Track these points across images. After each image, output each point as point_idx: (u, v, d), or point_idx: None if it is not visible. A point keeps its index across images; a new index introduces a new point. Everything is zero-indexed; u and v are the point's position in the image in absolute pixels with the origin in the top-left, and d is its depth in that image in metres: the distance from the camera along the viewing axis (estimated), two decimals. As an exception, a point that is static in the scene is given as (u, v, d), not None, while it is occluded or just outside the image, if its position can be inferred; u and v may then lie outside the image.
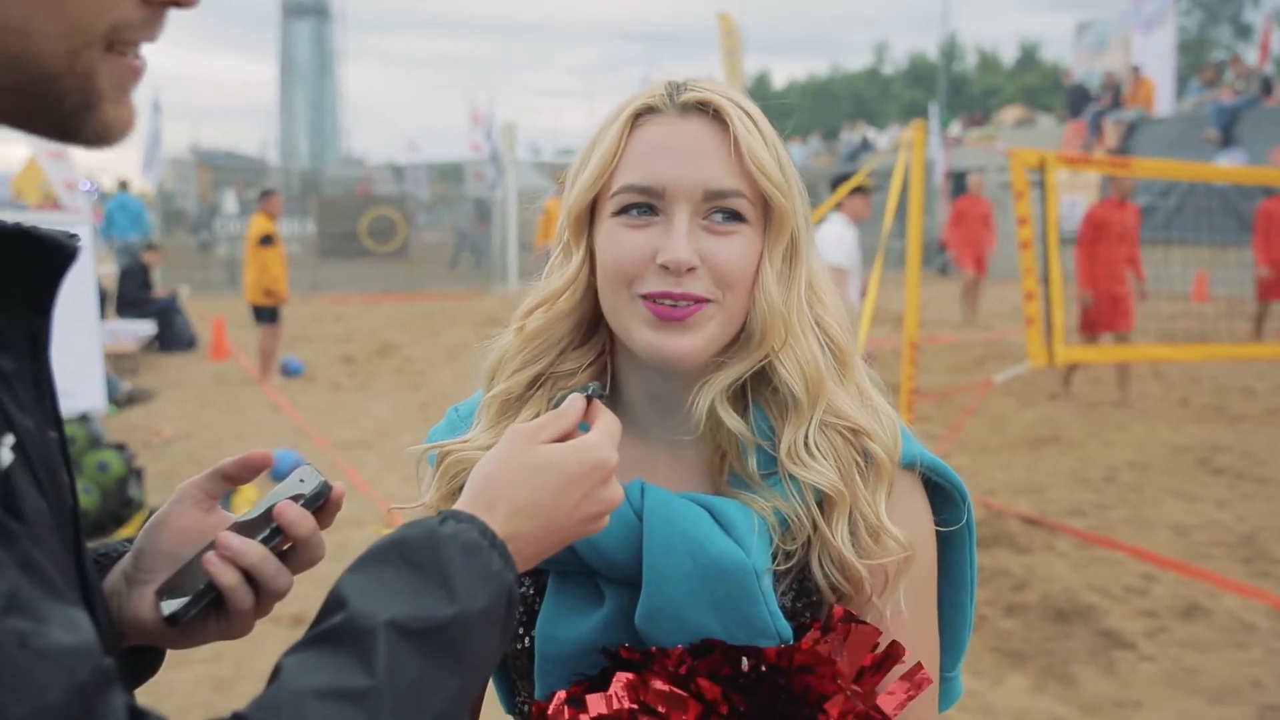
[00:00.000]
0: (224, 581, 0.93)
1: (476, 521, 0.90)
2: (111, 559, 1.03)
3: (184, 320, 14.54)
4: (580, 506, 0.97)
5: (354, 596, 0.81)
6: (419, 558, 0.85)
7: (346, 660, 0.77)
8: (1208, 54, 48.22)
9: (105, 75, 0.74)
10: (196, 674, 4.38)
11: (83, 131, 0.75)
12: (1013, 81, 61.97)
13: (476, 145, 28.28)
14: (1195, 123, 20.05)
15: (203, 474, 1.03)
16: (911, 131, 5.78)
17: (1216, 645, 4.62)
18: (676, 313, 1.09)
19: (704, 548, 1.09)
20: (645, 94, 1.15)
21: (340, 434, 9.01)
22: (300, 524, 0.95)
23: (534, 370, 1.20)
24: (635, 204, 1.11)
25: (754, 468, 1.15)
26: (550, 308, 1.19)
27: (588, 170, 1.14)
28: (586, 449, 0.99)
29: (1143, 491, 6.98)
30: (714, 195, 1.10)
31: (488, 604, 0.85)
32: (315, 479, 0.99)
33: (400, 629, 0.79)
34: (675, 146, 1.11)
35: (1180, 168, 9.24)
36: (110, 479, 6.40)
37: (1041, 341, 5.61)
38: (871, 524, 1.13)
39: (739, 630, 1.09)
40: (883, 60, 77.93)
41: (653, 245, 1.10)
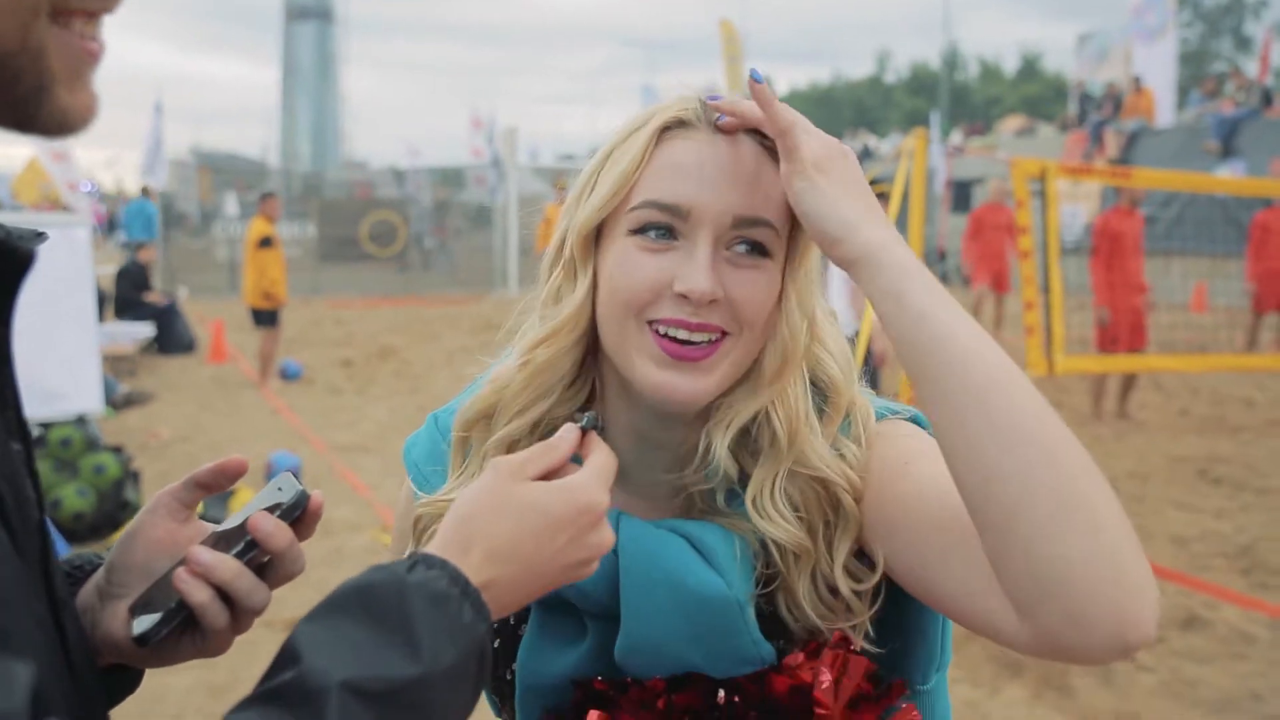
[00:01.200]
0: (195, 599, 0.87)
1: (448, 567, 0.82)
2: (86, 572, 0.98)
3: (183, 323, 14.52)
4: (565, 552, 0.90)
5: (307, 650, 0.75)
6: (382, 609, 0.78)
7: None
8: (1209, 65, 48.32)
9: (56, 54, 0.70)
10: (191, 679, 4.36)
11: (39, 118, 0.71)
12: (1014, 91, 62.08)
13: (478, 150, 28.31)
14: (1196, 134, 20.09)
15: (177, 483, 0.97)
16: (912, 140, 5.78)
17: (1215, 656, 4.60)
18: (693, 352, 1.01)
19: (685, 582, 1.02)
20: (676, 105, 1.05)
21: (338, 437, 9.00)
22: (276, 536, 0.89)
23: (540, 409, 1.10)
24: (655, 223, 1.02)
25: (727, 508, 1.09)
26: (558, 340, 1.08)
27: (605, 183, 1.05)
28: (574, 490, 0.91)
29: (1142, 502, 6.96)
30: (742, 223, 1.02)
31: (455, 661, 0.78)
32: (293, 489, 0.92)
33: (355, 690, 0.73)
34: (706, 166, 1.02)
35: (1181, 178, 9.23)
36: (107, 481, 6.39)
37: (1041, 351, 5.61)
38: (830, 583, 1.07)
39: (722, 660, 1.04)
40: (885, 68, 78.06)
41: (670, 272, 1.01)
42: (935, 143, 20.98)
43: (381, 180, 37.48)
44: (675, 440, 1.10)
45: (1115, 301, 9.07)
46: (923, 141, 5.77)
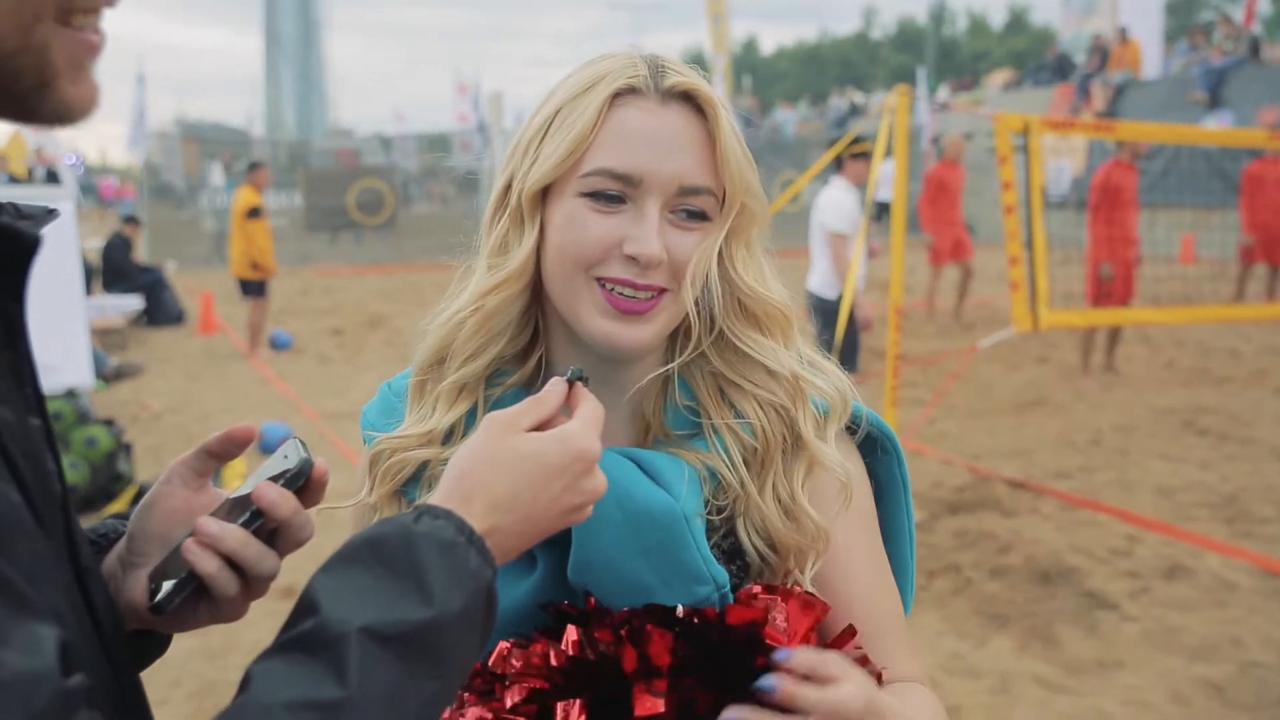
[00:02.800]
0: (203, 569, 0.89)
1: (453, 517, 0.86)
2: (110, 540, 1.00)
3: (171, 295, 14.50)
4: (561, 499, 0.95)
5: (325, 600, 0.78)
6: (393, 557, 0.82)
7: (318, 670, 0.75)
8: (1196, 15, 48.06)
9: (59, 50, 0.72)
10: (188, 646, 4.41)
11: (40, 110, 0.73)
12: (1002, 45, 61.73)
13: (463, 115, 28.14)
14: (1183, 84, 20.03)
15: (189, 452, 0.99)
16: (895, 97, 5.77)
17: (1198, 604, 4.68)
18: (638, 305, 1.09)
19: (631, 494, 1.08)
20: (624, 71, 1.10)
21: (329, 406, 9.02)
22: (280, 505, 0.91)
23: (494, 351, 1.17)
24: (606, 189, 1.08)
25: (677, 431, 1.17)
26: (507, 288, 1.15)
27: (557, 144, 1.10)
28: (568, 439, 0.95)
29: (1128, 454, 7.03)
30: (687, 191, 1.09)
31: (464, 605, 0.82)
32: (298, 456, 0.94)
33: (373, 635, 0.76)
34: (655, 135, 1.08)
35: (1166, 130, 9.23)
36: (99, 454, 6.41)
37: (1026, 307, 5.64)
38: (785, 499, 1.15)
39: (673, 577, 1.08)
40: (871, 25, 77.51)
41: (620, 233, 1.08)
42: (921, 99, 20.92)
43: (367, 148, 37.20)
44: (621, 377, 1.17)
45: (1115, 256, 8.99)
46: (905, 98, 5.77)
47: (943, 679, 4.06)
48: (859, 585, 1.19)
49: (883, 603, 1.21)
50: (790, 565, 1.16)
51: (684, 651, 1.06)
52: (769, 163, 24.48)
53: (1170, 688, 3.98)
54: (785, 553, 1.15)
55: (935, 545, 5.36)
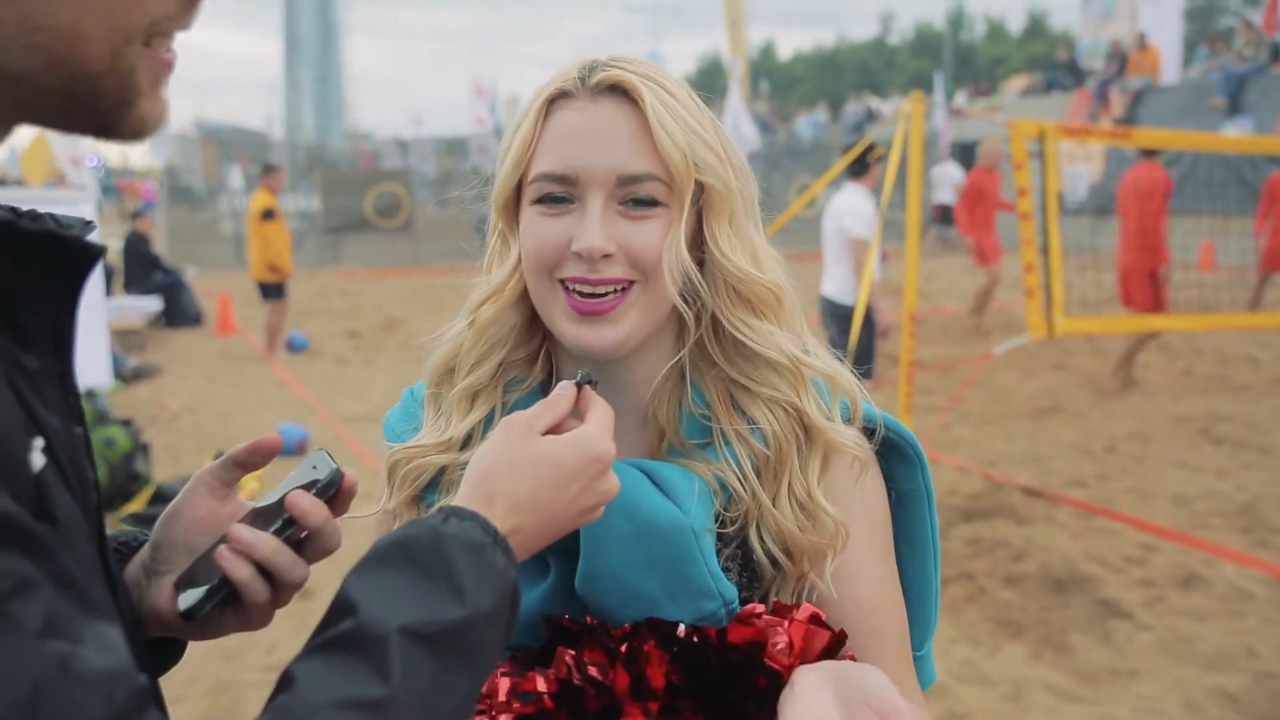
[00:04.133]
0: (237, 576, 0.92)
1: (479, 519, 0.89)
2: (132, 549, 1.02)
3: (190, 296, 14.61)
4: (578, 500, 0.97)
5: (363, 601, 0.80)
6: (425, 559, 0.84)
7: (361, 669, 0.77)
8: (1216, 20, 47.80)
9: (144, 71, 0.74)
10: (203, 645, 4.39)
11: (120, 128, 0.75)
12: (1020, 51, 61.51)
13: (480, 119, 28.20)
14: (1202, 90, 19.92)
15: (215, 462, 1.02)
16: (910, 103, 5.77)
17: (1213, 614, 4.66)
18: (598, 305, 1.10)
19: (640, 507, 1.09)
20: (559, 77, 1.13)
21: (346, 408, 9.06)
22: (313, 514, 0.94)
23: (497, 358, 1.20)
24: (550, 193, 1.11)
25: (691, 440, 1.16)
26: (499, 298, 1.18)
27: (508, 157, 1.14)
28: (583, 442, 0.98)
29: (1144, 462, 7.00)
30: (627, 180, 1.09)
31: (494, 603, 0.85)
32: (328, 466, 0.97)
33: (412, 634, 0.79)
34: (586, 131, 1.10)
35: (1183, 137, 9.16)
36: (117, 455, 6.46)
37: (1041, 313, 5.62)
38: (802, 498, 1.14)
39: (680, 592, 1.09)
40: (889, 30, 77.37)
41: (568, 233, 1.10)
42: (938, 105, 20.87)
43: (385, 151, 37.34)
44: (625, 379, 1.18)
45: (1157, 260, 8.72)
46: (920, 105, 5.76)
47: (955, 686, 4.05)
48: (866, 602, 1.16)
49: (888, 621, 1.18)
50: (806, 568, 1.15)
51: (681, 673, 1.06)
52: (786, 168, 24.47)
53: (1184, 697, 3.96)
54: (800, 556, 1.14)
55: (949, 552, 5.35)
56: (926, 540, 1.24)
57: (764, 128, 29.68)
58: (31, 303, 0.76)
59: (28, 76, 0.69)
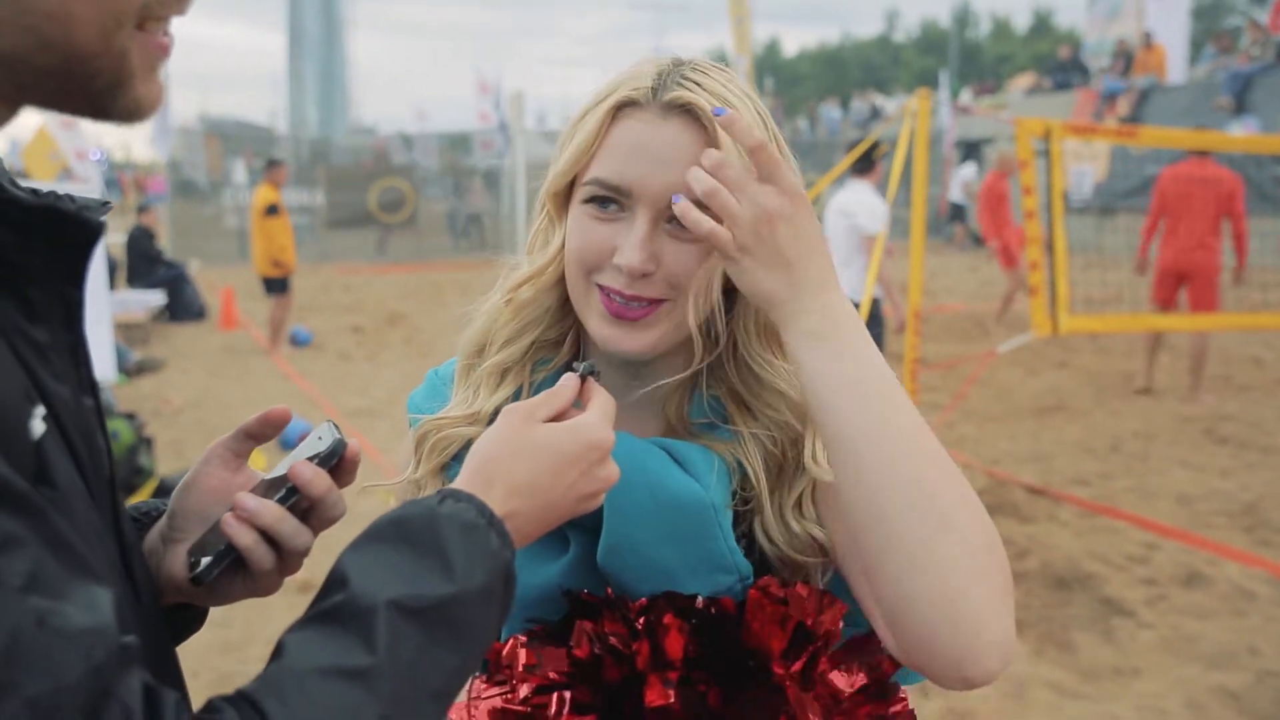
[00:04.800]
0: (241, 542, 0.95)
1: (475, 500, 0.91)
2: (152, 518, 1.06)
3: (193, 290, 14.61)
4: (576, 486, 0.99)
5: (355, 575, 0.83)
6: (418, 536, 0.86)
7: (348, 639, 0.79)
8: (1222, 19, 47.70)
9: (137, 54, 0.76)
10: (206, 638, 4.43)
11: (114, 108, 0.77)
12: (1026, 49, 61.41)
13: (484, 115, 28.16)
14: (1208, 90, 19.86)
15: (229, 434, 1.05)
16: (916, 101, 5.76)
17: (1216, 613, 4.66)
18: (630, 312, 1.12)
19: (663, 483, 1.11)
20: (631, 82, 1.13)
21: (349, 403, 9.07)
22: (315, 482, 0.97)
23: (529, 338, 1.23)
24: (602, 198, 1.12)
25: (700, 431, 1.19)
26: (538, 281, 1.21)
27: (566, 154, 1.15)
28: (583, 429, 1.00)
29: (1147, 461, 7.00)
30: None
31: (485, 582, 0.86)
32: (331, 437, 1.00)
33: (400, 608, 0.81)
34: (650, 148, 1.10)
35: (1188, 136, 9.14)
36: (120, 448, 6.46)
37: (1046, 311, 5.61)
38: (788, 517, 1.16)
39: (699, 565, 1.11)
40: (894, 27, 77.28)
41: (614, 241, 1.11)
42: (944, 103, 20.84)
43: (389, 146, 37.30)
44: (643, 375, 1.20)
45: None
46: (926, 102, 5.75)
47: (957, 684, 4.05)
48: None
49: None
50: (800, 571, 1.17)
51: (698, 644, 1.07)
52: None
53: (1186, 696, 3.96)
54: (794, 566, 1.16)
55: (951, 550, 5.34)
56: None
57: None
58: (38, 278, 0.78)
59: (24, 58, 0.72)
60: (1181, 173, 8.60)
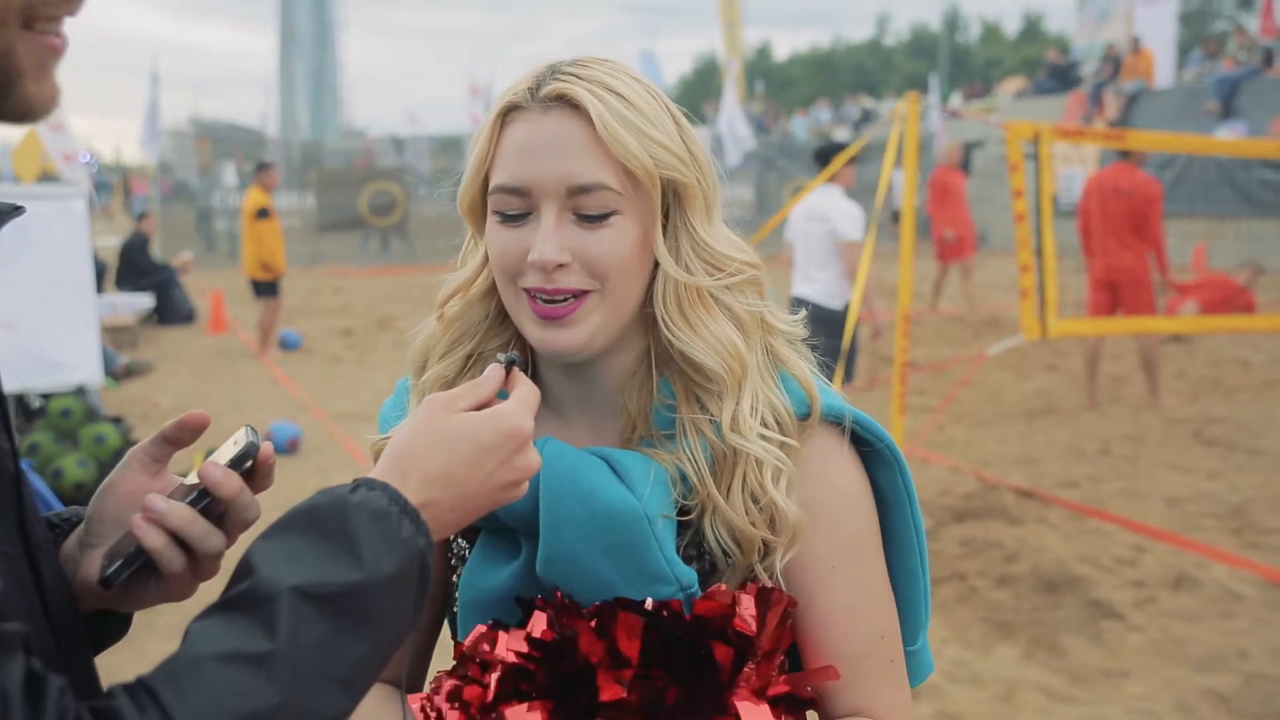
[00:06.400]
0: (150, 544, 0.93)
1: (388, 489, 0.91)
2: (71, 524, 1.04)
3: (182, 293, 14.57)
4: (495, 475, 0.98)
5: (261, 562, 0.83)
6: (327, 524, 0.86)
7: (248, 625, 0.79)
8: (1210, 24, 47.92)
9: (24, 53, 0.75)
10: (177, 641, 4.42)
11: (3, 109, 0.76)
12: (1015, 53, 61.57)
13: (476, 117, 28.15)
14: (1196, 94, 19.96)
15: (148, 439, 1.04)
16: (906, 105, 5.78)
17: (1204, 615, 4.67)
18: (556, 310, 1.12)
19: (595, 494, 1.11)
20: (512, 89, 1.15)
21: (338, 406, 9.04)
22: (224, 485, 0.95)
23: (463, 351, 1.24)
24: (507, 205, 1.13)
25: (660, 430, 1.17)
26: (465, 295, 1.22)
27: (468, 167, 1.17)
28: (500, 417, 0.99)
29: (1136, 463, 7.01)
30: (577, 191, 1.10)
31: (395, 570, 0.86)
32: (245, 440, 0.98)
33: (303, 594, 0.81)
34: (536, 144, 1.11)
35: (1176, 140, 9.17)
36: (107, 451, 6.44)
37: (1035, 314, 5.63)
38: (756, 492, 1.15)
39: (637, 577, 1.11)
40: (884, 31, 77.46)
41: (526, 242, 1.12)
42: (934, 106, 20.90)
43: (380, 148, 37.25)
44: (596, 372, 1.20)
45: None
46: (915, 106, 5.77)
47: (947, 687, 4.05)
48: (838, 605, 1.17)
49: (863, 625, 1.18)
50: (754, 560, 1.16)
51: (653, 643, 1.08)
52: (782, 168, 24.44)
53: (1175, 698, 3.97)
54: (749, 549, 1.15)
55: (941, 553, 5.35)
56: (910, 539, 1.24)
57: (759, 128, 29.67)
58: None
59: None
60: (1102, 180, 8.51)
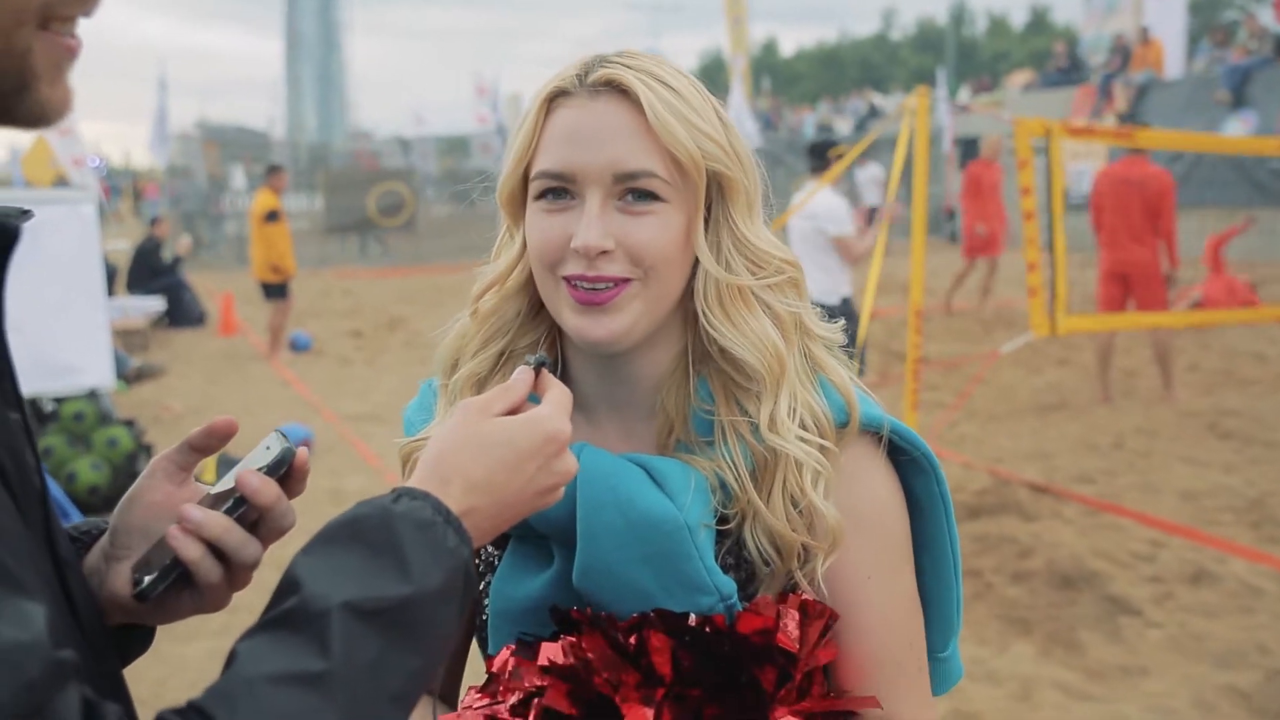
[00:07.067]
0: (187, 555, 0.91)
1: (430, 498, 0.89)
2: (93, 537, 1.02)
3: (192, 296, 14.62)
4: (535, 480, 0.97)
5: (307, 578, 0.80)
6: (373, 536, 0.84)
7: (301, 644, 0.76)
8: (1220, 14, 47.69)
9: (40, 54, 0.73)
10: (207, 647, 4.42)
11: (18, 112, 0.74)
12: (1023, 46, 61.39)
13: (482, 118, 28.16)
14: (1206, 84, 19.83)
15: (172, 448, 1.02)
16: (915, 99, 5.74)
17: (1223, 610, 4.63)
18: (596, 297, 1.10)
19: (634, 503, 1.09)
20: (560, 75, 1.14)
21: (349, 408, 9.04)
22: (262, 492, 0.93)
23: (496, 347, 1.21)
24: (550, 189, 1.11)
25: (696, 435, 1.15)
26: (500, 288, 1.20)
27: (510, 155, 1.15)
28: (538, 422, 0.98)
29: (1151, 458, 6.97)
30: (624, 177, 1.09)
31: (443, 582, 0.84)
32: (280, 446, 0.96)
33: (355, 610, 0.78)
34: (584, 130, 1.10)
35: (1188, 138, 9.09)
36: (120, 455, 6.45)
37: (1044, 311, 5.58)
38: (796, 496, 1.12)
39: (676, 587, 1.09)
40: (891, 26, 77.29)
41: (569, 229, 1.10)
42: (941, 101, 20.83)
43: (387, 149, 37.32)
44: (633, 372, 1.18)
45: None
46: (925, 100, 5.73)
47: (963, 685, 4.03)
48: (873, 615, 1.15)
49: (896, 637, 1.17)
50: (794, 565, 1.13)
51: (690, 661, 1.06)
52: (789, 165, 24.39)
53: (1195, 695, 3.94)
54: (789, 555, 1.13)
55: (956, 549, 5.32)
56: (945, 548, 1.22)
57: (766, 124, 29.61)
58: None
59: None
60: (1114, 174, 8.53)
